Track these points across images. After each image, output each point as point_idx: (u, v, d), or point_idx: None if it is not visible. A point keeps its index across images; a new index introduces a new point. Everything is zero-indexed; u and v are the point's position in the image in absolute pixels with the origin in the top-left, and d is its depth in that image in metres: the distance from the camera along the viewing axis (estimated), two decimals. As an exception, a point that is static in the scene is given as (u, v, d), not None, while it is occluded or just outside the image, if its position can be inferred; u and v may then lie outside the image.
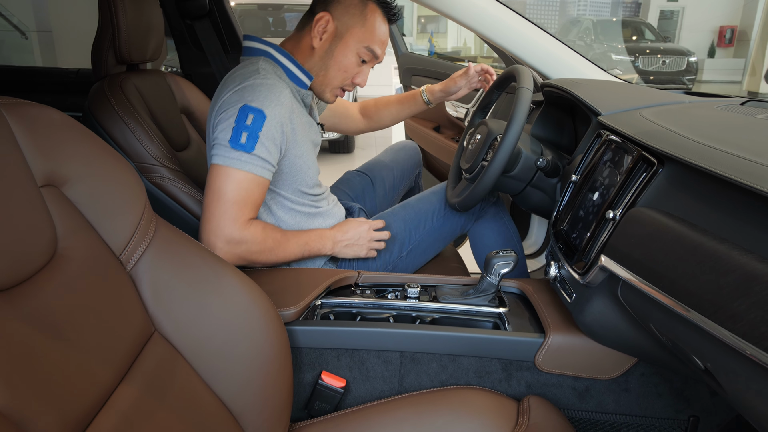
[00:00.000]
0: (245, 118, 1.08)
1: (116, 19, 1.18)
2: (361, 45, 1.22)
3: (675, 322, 0.74)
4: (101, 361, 0.68)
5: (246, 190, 1.10)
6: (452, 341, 1.02)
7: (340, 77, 1.26)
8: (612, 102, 1.22)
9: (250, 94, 1.10)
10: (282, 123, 1.13)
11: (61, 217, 0.73)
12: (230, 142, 1.08)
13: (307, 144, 1.25)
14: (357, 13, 1.20)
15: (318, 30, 1.21)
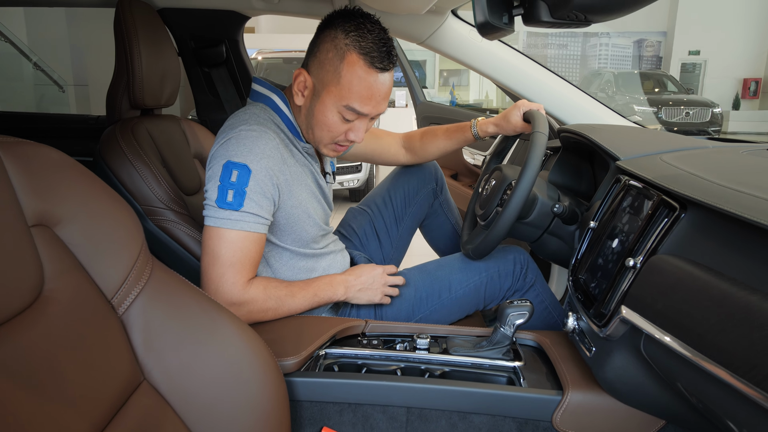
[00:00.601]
0: (229, 175, 1.03)
1: (132, 64, 1.20)
2: (340, 104, 1.09)
3: (705, 381, 0.67)
4: (79, 415, 0.63)
5: (241, 249, 1.06)
6: (463, 397, 0.95)
7: (328, 136, 1.15)
8: (631, 147, 1.18)
9: (234, 148, 1.05)
10: (271, 174, 1.07)
11: (51, 258, 0.70)
12: (217, 202, 1.04)
13: (305, 195, 1.18)
14: (332, 70, 1.07)
15: (298, 87, 1.13)
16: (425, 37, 1.51)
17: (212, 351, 0.83)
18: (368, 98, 1.08)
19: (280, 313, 1.13)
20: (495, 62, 1.52)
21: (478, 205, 1.39)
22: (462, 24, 1.51)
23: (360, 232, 1.58)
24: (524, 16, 0.92)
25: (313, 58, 1.10)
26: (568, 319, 1.04)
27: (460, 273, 1.33)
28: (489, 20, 0.84)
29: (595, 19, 0.88)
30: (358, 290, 1.24)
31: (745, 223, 0.72)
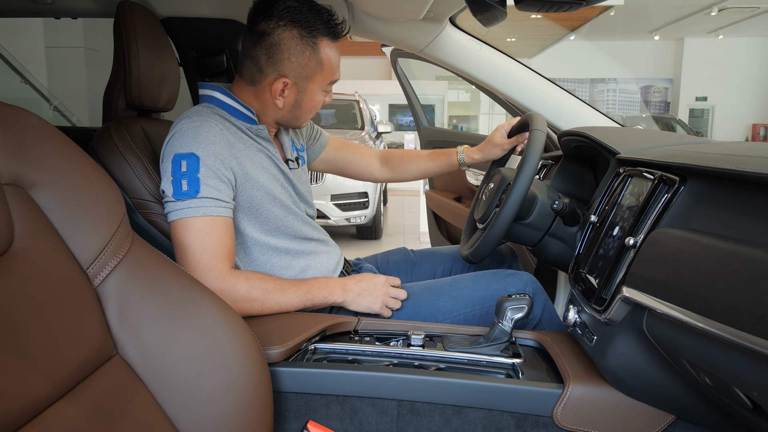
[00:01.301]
0: (179, 167, 1.04)
1: (128, 62, 1.20)
2: (325, 83, 1.20)
3: (711, 348, 0.62)
4: (37, 371, 0.60)
5: (209, 235, 1.03)
6: (457, 389, 0.89)
7: (312, 113, 1.25)
8: (631, 143, 1.16)
9: (178, 141, 1.06)
10: (221, 158, 1.06)
11: (22, 218, 0.68)
12: (174, 196, 1.04)
13: (264, 176, 1.16)
14: (313, 65, 1.15)
15: (277, 93, 1.16)
16: (424, 45, 1.52)
17: (191, 329, 0.79)
18: (338, 64, 1.20)
19: (268, 307, 1.07)
20: (493, 71, 1.52)
21: (478, 210, 1.36)
22: (460, 33, 1.52)
23: (393, 266, 1.52)
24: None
25: (287, 63, 1.13)
26: (569, 312, 0.99)
27: (466, 294, 1.26)
28: (479, -6, 0.84)
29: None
30: (357, 294, 1.17)
31: (746, 184, 0.68)
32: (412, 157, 1.57)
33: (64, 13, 1.49)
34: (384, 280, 1.21)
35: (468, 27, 1.55)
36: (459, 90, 15.09)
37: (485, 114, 15.28)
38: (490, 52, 1.53)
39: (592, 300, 0.89)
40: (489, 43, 1.53)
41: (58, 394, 0.61)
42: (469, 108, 15.46)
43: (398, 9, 1.34)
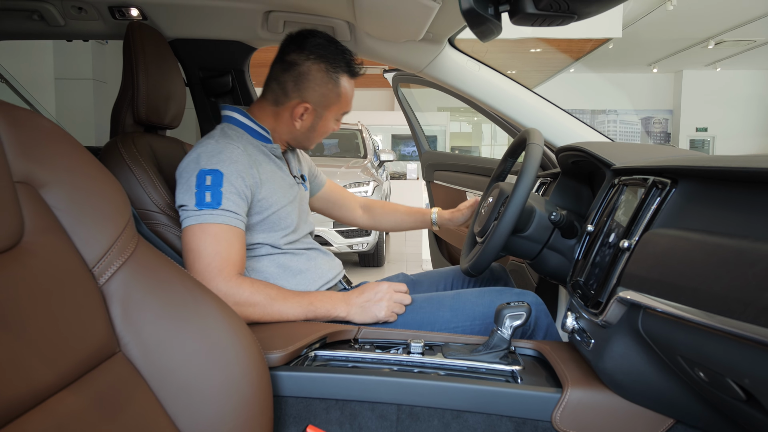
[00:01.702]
0: (204, 181, 1.11)
1: (137, 79, 1.24)
2: (339, 113, 1.34)
3: (703, 339, 0.63)
4: (42, 360, 0.61)
5: (225, 240, 1.09)
6: (456, 394, 0.90)
7: (322, 137, 1.38)
8: (627, 156, 1.18)
9: (204, 159, 1.14)
10: (242, 177, 1.14)
11: (32, 215, 0.70)
12: (197, 206, 1.10)
13: (278, 191, 1.25)
14: (333, 96, 1.29)
15: (297, 116, 1.28)
16: (424, 65, 1.56)
17: (192, 330, 0.80)
18: (352, 98, 1.35)
19: (269, 313, 1.09)
20: (491, 90, 1.56)
21: (477, 223, 1.38)
22: (459, 54, 1.56)
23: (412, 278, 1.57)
24: (510, 11, 0.95)
25: (312, 92, 1.27)
26: (567, 319, 1.00)
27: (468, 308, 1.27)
28: (474, 6, 0.87)
29: (579, 9, 0.90)
30: (361, 307, 1.18)
31: (732, 182, 0.70)
32: (391, 209, 1.73)
33: (76, 36, 1.55)
34: (387, 286, 1.22)
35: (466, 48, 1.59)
36: (461, 121, 15.27)
37: (487, 145, 15.42)
38: (488, 72, 1.57)
39: (589, 304, 0.91)
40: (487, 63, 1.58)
41: (62, 384, 0.62)
42: (471, 139, 15.62)
43: (398, 30, 1.38)
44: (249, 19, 1.49)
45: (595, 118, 13.93)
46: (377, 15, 1.27)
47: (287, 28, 1.53)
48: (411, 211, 1.70)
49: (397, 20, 1.28)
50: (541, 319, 1.24)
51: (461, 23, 1.40)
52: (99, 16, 1.47)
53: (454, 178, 2.47)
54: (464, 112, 14.68)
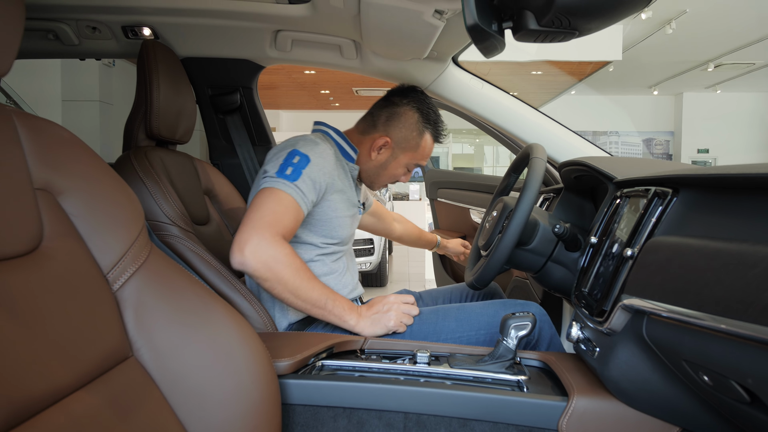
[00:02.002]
0: (292, 158, 1.21)
1: (150, 96, 1.28)
2: (412, 162, 1.46)
3: (706, 342, 0.64)
4: (60, 360, 0.62)
5: (285, 207, 1.16)
6: (463, 402, 0.90)
7: (388, 181, 1.49)
8: (628, 169, 1.20)
9: (301, 144, 1.25)
10: (323, 171, 1.24)
11: (51, 221, 0.72)
12: (277, 174, 1.19)
13: (344, 203, 1.35)
14: (413, 144, 1.42)
15: (376, 147, 1.42)
16: (429, 82, 1.59)
17: (203, 336, 0.82)
18: (427, 157, 1.48)
19: (294, 284, 1.12)
20: (494, 107, 1.59)
21: (481, 237, 1.40)
22: (463, 72, 1.60)
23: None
24: (513, 28, 0.98)
25: (398, 132, 1.42)
26: (572, 329, 1.01)
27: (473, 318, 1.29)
28: (478, 22, 0.90)
29: (580, 26, 0.93)
30: (371, 320, 1.20)
31: (731, 189, 0.72)
32: (412, 225, 2.05)
33: (90, 54, 1.59)
34: (395, 298, 1.25)
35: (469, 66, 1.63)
36: (463, 143, 15.37)
37: (489, 166, 15.49)
38: (491, 89, 1.60)
39: (594, 313, 0.92)
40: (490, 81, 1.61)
41: (78, 384, 0.64)
42: (473, 160, 15.69)
43: (404, 49, 1.42)
44: (258, 39, 1.53)
45: (596, 139, 14.00)
46: (383, 34, 1.31)
47: (295, 47, 1.56)
48: (423, 233, 2.04)
49: (402, 39, 1.31)
50: (544, 330, 1.26)
51: (465, 42, 1.43)
52: (112, 35, 1.51)
53: (457, 196, 2.50)
54: (466, 133, 14.79)
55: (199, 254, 1.19)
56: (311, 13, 1.33)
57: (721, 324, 0.59)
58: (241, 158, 1.75)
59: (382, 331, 1.20)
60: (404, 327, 1.22)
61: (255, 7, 1.38)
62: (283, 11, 1.37)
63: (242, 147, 1.75)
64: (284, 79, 8.95)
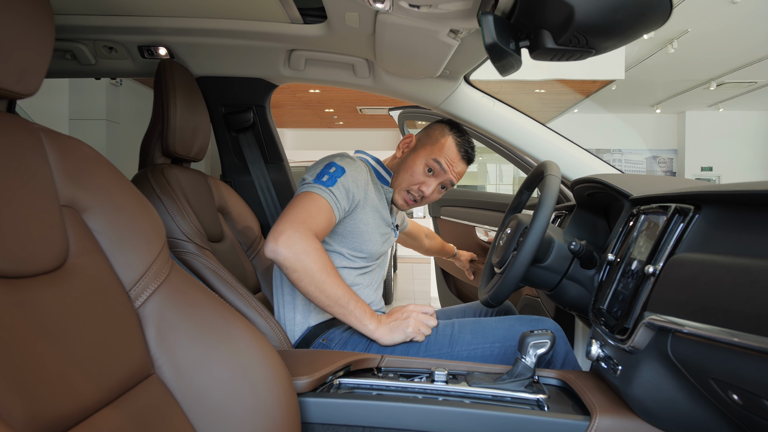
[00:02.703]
0: (329, 168, 1.30)
1: (167, 114, 1.29)
2: (429, 157, 1.45)
3: (737, 360, 0.64)
4: (87, 377, 0.62)
5: (319, 208, 1.23)
6: (484, 421, 0.89)
7: (407, 180, 1.47)
8: (643, 186, 1.20)
9: (339, 158, 1.34)
10: (357, 183, 1.32)
11: (76, 238, 0.72)
12: (314, 180, 1.27)
13: (375, 219, 1.40)
14: (433, 140, 1.47)
15: (403, 145, 1.52)
16: (440, 101, 1.60)
17: (224, 353, 0.81)
18: (450, 162, 1.47)
19: (318, 280, 1.16)
20: (506, 125, 1.60)
21: (495, 255, 1.39)
22: (474, 90, 1.61)
23: None
24: (530, 47, 0.99)
25: (424, 132, 1.52)
26: (591, 347, 1.00)
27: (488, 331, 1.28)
28: (497, 41, 0.91)
29: (597, 44, 0.94)
30: (389, 329, 1.21)
31: (756, 205, 0.72)
32: (437, 238, 2.17)
33: (106, 74, 1.60)
34: (413, 306, 1.27)
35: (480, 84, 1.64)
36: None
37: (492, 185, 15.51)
38: (503, 107, 1.61)
39: (615, 331, 0.91)
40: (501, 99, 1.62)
41: (105, 402, 0.63)
42: (477, 178, 15.72)
43: (417, 67, 1.43)
44: (272, 58, 1.55)
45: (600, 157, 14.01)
46: (397, 52, 1.32)
47: (309, 66, 1.58)
48: (445, 244, 2.18)
49: (416, 57, 1.32)
50: (559, 346, 1.25)
51: (477, 60, 1.44)
52: (128, 55, 1.53)
53: (460, 213, 2.51)
54: (470, 151, 14.81)
55: (215, 271, 1.19)
56: (326, 32, 1.35)
57: (755, 342, 0.58)
58: (253, 176, 1.76)
59: (401, 338, 1.21)
60: (422, 336, 1.23)
61: (270, 27, 1.40)
62: (298, 31, 1.38)
63: (255, 165, 1.76)
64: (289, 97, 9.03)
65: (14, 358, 0.53)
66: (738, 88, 10.62)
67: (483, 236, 2.34)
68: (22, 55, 0.68)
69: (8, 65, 0.67)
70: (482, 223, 2.35)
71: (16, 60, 0.67)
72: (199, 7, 1.35)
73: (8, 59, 0.66)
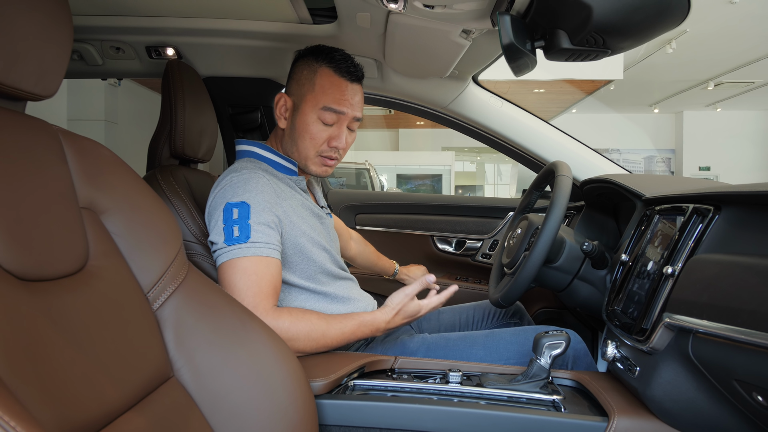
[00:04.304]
0: (231, 215, 1.08)
1: (175, 115, 1.28)
2: (316, 108, 1.19)
3: (763, 361, 0.63)
4: (111, 381, 0.62)
5: (255, 274, 1.05)
6: (502, 422, 0.89)
7: (311, 146, 1.22)
8: (654, 187, 1.20)
9: (229, 192, 1.11)
10: (269, 207, 1.11)
11: (95, 240, 0.72)
12: (226, 242, 1.07)
13: (305, 225, 1.20)
14: (307, 83, 1.20)
15: (279, 111, 1.23)
16: (449, 101, 1.60)
17: (242, 355, 0.81)
18: (341, 100, 1.19)
19: (313, 339, 1.06)
20: (514, 125, 1.60)
21: (505, 255, 1.39)
22: (482, 90, 1.61)
23: None
24: (545, 48, 0.99)
25: (291, 82, 1.24)
26: (607, 348, 1.00)
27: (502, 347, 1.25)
28: (514, 41, 0.91)
29: (614, 44, 0.94)
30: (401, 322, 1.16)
31: (783, 206, 0.72)
32: (369, 247, 1.79)
33: (112, 74, 1.60)
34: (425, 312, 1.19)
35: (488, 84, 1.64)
36: (464, 161, 15.42)
37: (491, 185, 15.52)
38: (511, 108, 1.61)
39: (633, 332, 0.91)
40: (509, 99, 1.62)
41: (128, 405, 0.63)
42: (475, 178, 15.73)
43: (426, 67, 1.43)
44: (280, 58, 1.54)
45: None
46: (408, 53, 1.32)
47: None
48: (381, 257, 1.80)
49: (427, 57, 1.32)
50: (580, 358, 1.22)
51: (486, 61, 1.44)
52: (136, 55, 1.52)
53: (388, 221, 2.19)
54: (468, 151, 14.84)
55: (227, 273, 1.17)
56: (336, 32, 1.34)
57: (784, 343, 0.58)
58: (260, 176, 1.75)
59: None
60: None
61: (279, 27, 1.39)
62: (307, 31, 1.38)
63: (262, 165, 1.75)
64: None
65: (43, 363, 0.52)
66: (736, 88, 10.65)
67: (446, 246, 2.14)
68: (41, 56, 0.68)
69: (28, 67, 0.66)
70: (414, 228, 2.13)
71: (35, 61, 0.67)
72: (207, 8, 1.34)
73: (28, 61, 0.66)
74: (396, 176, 12.90)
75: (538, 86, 9.16)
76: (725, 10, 6.36)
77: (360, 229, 2.20)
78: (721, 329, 0.68)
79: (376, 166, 8.66)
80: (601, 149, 10.34)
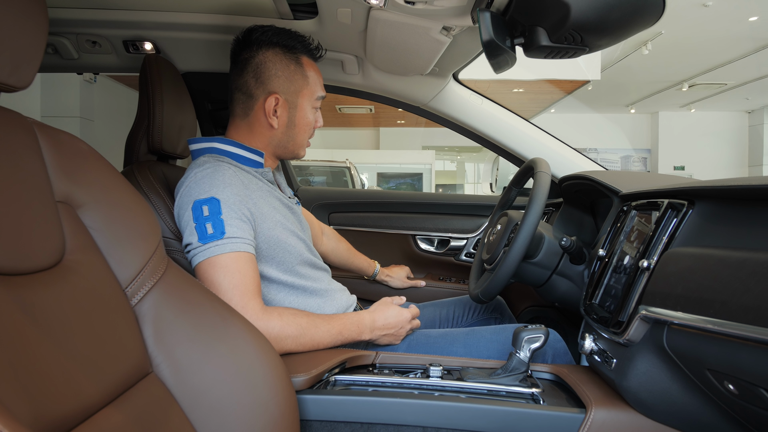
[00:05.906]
0: (201, 212, 1.05)
1: (152, 110, 1.26)
2: (313, 98, 1.23)
3: (734, 350, 0.65)
4: (88, 376, 0.61)
5: (238, 271, 1.02)
6: (481, 415, 0.90)
7: (307, 134, 1.26)
8: (631, 183, 1.22)
9: (195, 189, 1.07)
10: (239, 199, 1.08)
11: (72, 234, 0.71)
12: (200, 240, 1.03)
13: (278, 215, 1.18)
14: (299, 78, 1.20)
15: (269, 113, 1.19)
16: (429, 99, 1.61)
17: (222, 351, 0.80)
18: (322, 83, 1.26)
19: (302, 343, 1.06)
20: (494, 122, 1.61)
21: (485, 251, 1.40)
22: (463, 88, 1.62)
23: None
24: (525, 45, 1.00)
25: (275, 79, 1.19)
26: (585, 341, 1.02)
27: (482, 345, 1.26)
28: (494, 38, 0.92)
29: (591, 42, 0.95)
30: (383, 333, 1.18)
31: (751, 200, 0.74)
32: (343, 243, 1.72)
33: (88, 69, 1.57)
34: (410, 318, 1.23)
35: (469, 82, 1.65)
36: (445, 160, 15.50)
37: (471, 183, 15.62)
38: (491, 105, 1.62)
39: (609, 324, 0.92)
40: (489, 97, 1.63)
41: (106, 401, 0.62)
42: (456, 177, 15.82)
43: (407, 64, 1.43)
44: (260, 54, 1.53)
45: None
46: (389, 49, 1.32)
47: (296, 62, 1.57)
48: (358, 254, 1.74)
49: (407, 54, 1.32)
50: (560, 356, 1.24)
51: (467, 58, 1.45)
52: (113, 49, 1.50)
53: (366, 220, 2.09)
54: (448, 150, 14.92)
55: (206, 269, 1.16)
56: (317, 28, 1.34)
57: (754, 333, 0.59)
58: (240, 173, 1.74)
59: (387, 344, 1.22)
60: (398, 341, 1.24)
61: (258, 22, 1.38)
62: (287, 26, 1.37)
63: (242, 162, 1.73)
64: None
65: (18, 357, 0.51)
66: (709, 89, 10.88)
67: (427, 246, 2.09)
68: (15, 46, 0.66)
69: (1, 57, 0.65)
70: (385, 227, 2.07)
71: (9, 52, 0.66)
72: (186, 2, 1.33)
73: (1, 51, 0.65)
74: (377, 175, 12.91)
75: (518, 86, 9.24)
76: (699, 13, 6.49)
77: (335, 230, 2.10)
78: (693, 320, 0.69)
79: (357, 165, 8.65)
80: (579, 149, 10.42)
